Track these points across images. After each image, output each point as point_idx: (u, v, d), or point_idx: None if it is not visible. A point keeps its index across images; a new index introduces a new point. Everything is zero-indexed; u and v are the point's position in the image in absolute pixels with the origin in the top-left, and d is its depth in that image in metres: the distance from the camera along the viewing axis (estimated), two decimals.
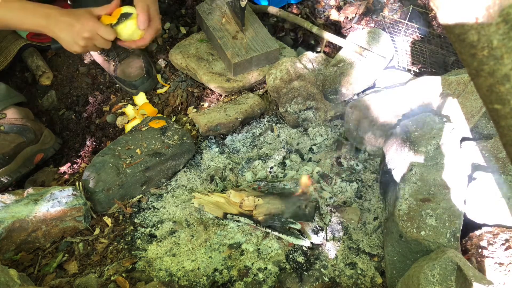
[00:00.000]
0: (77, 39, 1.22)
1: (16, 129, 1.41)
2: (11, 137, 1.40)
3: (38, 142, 1.46)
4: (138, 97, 1.61)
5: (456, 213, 1.06)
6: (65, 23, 1.21)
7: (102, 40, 1.25)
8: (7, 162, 1.39)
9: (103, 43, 1.26)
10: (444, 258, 0.94)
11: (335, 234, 1.26)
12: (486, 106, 0.57)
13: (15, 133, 1.41)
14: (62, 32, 1.22)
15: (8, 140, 1.39)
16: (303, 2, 1.88)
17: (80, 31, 1.21)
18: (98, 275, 1.17)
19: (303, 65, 1.48)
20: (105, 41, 1.26)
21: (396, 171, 1.20)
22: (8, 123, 1.40)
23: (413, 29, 1.53)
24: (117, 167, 1.32)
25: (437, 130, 1.18)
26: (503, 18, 0.48)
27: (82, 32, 1.21)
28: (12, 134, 1.40)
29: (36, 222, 1.20)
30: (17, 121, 1.42)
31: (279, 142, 1.51)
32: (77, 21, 1.21)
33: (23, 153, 1.43)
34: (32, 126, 1.45)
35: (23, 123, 1.43)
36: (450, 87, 1.25)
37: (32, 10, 1.20)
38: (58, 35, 1.23)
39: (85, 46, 1.25)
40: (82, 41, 1.23)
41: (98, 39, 1.25)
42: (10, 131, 1.40)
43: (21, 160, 1.42)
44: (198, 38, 1.70)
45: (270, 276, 1.16)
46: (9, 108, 1.41)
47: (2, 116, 1.40)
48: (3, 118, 1.40)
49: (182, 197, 1.38)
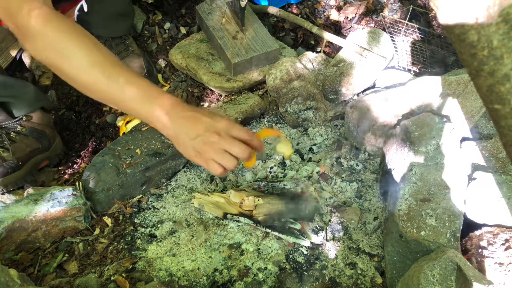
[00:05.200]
0: (199, 139, 0.82)
1: (36, 134, 1.39)
2: (29, 141, 1.38)
3: (48, 150, 1.44)
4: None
5: (456, 213, 1.06)
6: (190, 116, 0.83)
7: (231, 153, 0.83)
8: (18, 168, 1.35)
9: (230, 158, 0.83)
10: (444, 258, 0.94)
11: (335, 234, 1.26)
12: (486, 106, 0.57)
13: (34, 138, 1.38)
14: (182, 128, 0.83)
15: (26, 144, 1.37)
16: (303, 2, 1.88)
17: (208, 127, 0.82)
18: (98, 275, 1.17)
19: (303, 65, 1.48)
20: (244, 147, 0.84)
21: (396, 171, 1.20)
22: (31, 126, 1.38)
23: (413, 29, 1.53)
24: (117, 167, 1.32)
25: (437, 130, 1.18)
26: (503, 18, 0.48)
27: (210, 127, 0.82)
28: (31, 138, 1.38)
29: (36, 222, 1.20)
30: (39, 126, 1.40)
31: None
32: (210, 116, 0.83)
33: (33, 160, 1.40)
34: (49, 133, 1.43)
35: (43, 129, 1.41)
36: (450, 87, 1.25)
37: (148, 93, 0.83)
38: (176, 131, 0.83)
39: (203, 152, 0.83)
40: (203, 142, 0.82)
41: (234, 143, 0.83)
42: (30, 134, 1.38)
43: (30, 167, 1.39)
44: (198, 38, 1.70)
45: (270, 276, 1.16)
46: (36, 112, 1.39)
47: (28, 119, 1.37)
48: (29, 121, 1.37)
49: (182, 197, 1.38)
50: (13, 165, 1.33)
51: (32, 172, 1.40)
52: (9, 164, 1.33)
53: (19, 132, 1.36)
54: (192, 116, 0.83)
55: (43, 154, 1.43)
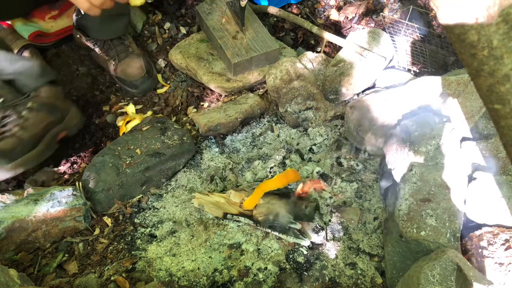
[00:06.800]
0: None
1: (46, 108, 1.38)
2: (42, 116, 1.37)
3: (62, 122, 1.44)
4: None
5: (456, 213, 1.06)
6: None
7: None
8: (35, 145, 1.35)
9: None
10: (444, 258, 0.94)
11: (335, 234, 1.26)
12: (486, 106, 0.57)
13: (45, 112, 1.38)
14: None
15: (38, 119, 1.36)
16: (303, 2, 1.88)
17: None
18: (98, 275, 1.17)
19: (303, 65, 1.48)
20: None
21: (396, 171, 1.20)
22: (40, 102, 1.37)
23: (413, 29, 1.53)
24: (117, 167, 1.32)
25: (437, 130, 1.18)
26: (503, 18, 0.48)
27: None
28: (42, 112, 1.37)
29: (36, 222, 1.20)
30: (49, 100, 1.39)
31: (279, 142, 1.51)
32: None
33: (49, 134, 1.40)
34: (60, 105, 1.43)
35: (53, 102, 1.41)
36: (450, 87, 1.25)
37: None
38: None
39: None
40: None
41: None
42: (41, 109, 1.37)
43: (47, 141, 1.39)
44: (198, 38, 1.70)
45: (270, 276, 1.16)
46: (44, 86, 1.38)
47: (36, 94, 1.36)
48: (38, 96, 1.36)
49: (182, 197, 1.38)
50: (30, 142, 1.34)
51: (50, 146, 1.41)
52: (26, 143, 1.33)
53: (30, 109, 1.36)
54: None
55: (58, 127, 1.43)
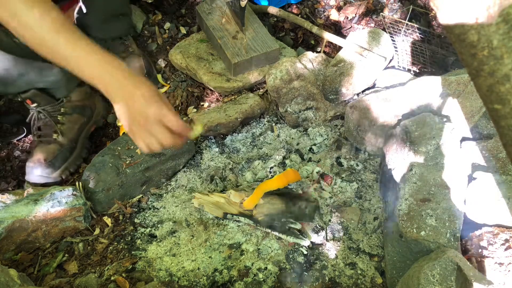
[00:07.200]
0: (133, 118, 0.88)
1: (78, 110, 1.42)
2: (75, 119, 1.41)
3: (92, 118, 1.48)
4: None
5: (456, 213, 1.06)
6: (127, 89, 0.87)
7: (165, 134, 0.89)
8: (74, 148, 1.40)
9: (155, 141, 0.90)
10: (444, 258, 0.94)
11: (335, 234, 1.26)
12: (486, 106, 0.57)
13: (77, 114, 1.42)
14: (119, 100, 0.88)
15: (73, 122, 1.40)
16: (303, 2, 1.88)
17: (141, 111, 0.87)
18: (98, 275, 1.17)
19: (303, 65, 1.48)
20: (169, 136, 0.90)
21: (396, 171, 1.20)
22: (73, 105, 1.41)
23: (413, 29, 1.53)
24: (117, 167, 1.32)
25: (437, 130, 1.18)
26: (503, 18, 0.48)
27: (142, 112, 0.87)
28: (75, 115, 1.41)
29: (36, 222, 1.20)
30: (79, 102, 1.43)
31: (279, 142, 1.51)
32: (145, 99, 0.87)
33: (83, 134, 1.44)
34: (88, 104, 1.46)
35: (83, 104, 1.44)
36: (450, 87, 1.25)
37: (101, 58, 0.86)
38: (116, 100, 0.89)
39: (135, 130, 0.90)
40: (133, 121, 0.89)
41: (160, 130, 0.89)
42: (74, 112, 1.41)
43: (82, 142, 1.44)
44: (198, 38, 1.70)
45: (270, 276, 1.16)
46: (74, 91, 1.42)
47: (68, 99, 1.40)
48: (69, 102, 1.40)
49: (182, 197, 1.38)
50: (69, 147, 1.39)
51: (86, 145, 1.46)
52: (66, 148, 1.38)
53: (64, 114, 1.40)
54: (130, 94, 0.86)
55: (89, 124, 1.48)
